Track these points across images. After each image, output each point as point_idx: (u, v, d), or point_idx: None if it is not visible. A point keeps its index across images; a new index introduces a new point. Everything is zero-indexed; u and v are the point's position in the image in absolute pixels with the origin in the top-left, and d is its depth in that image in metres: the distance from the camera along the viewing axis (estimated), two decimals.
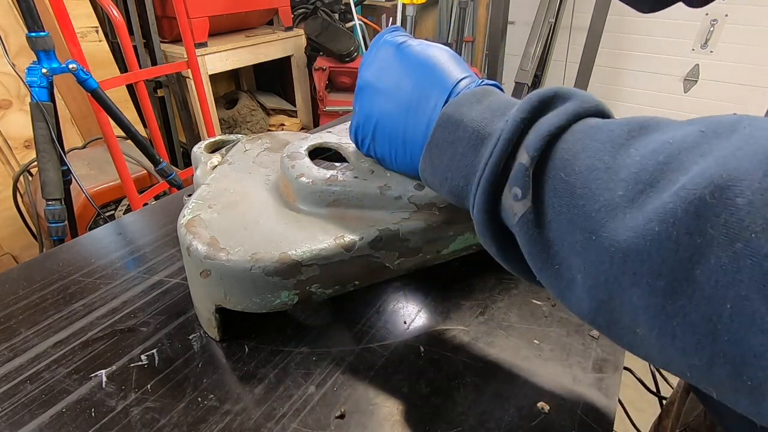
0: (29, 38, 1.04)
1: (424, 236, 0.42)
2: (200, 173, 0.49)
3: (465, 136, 0.28)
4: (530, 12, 2.40)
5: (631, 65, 2.70)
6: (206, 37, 2.04)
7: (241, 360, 0.41)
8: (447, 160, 0.29)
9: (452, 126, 0.29)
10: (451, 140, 0.29)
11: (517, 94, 2.34)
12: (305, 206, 0.42)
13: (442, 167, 0.30)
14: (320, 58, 2.43)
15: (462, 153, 0.28)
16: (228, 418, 0.36)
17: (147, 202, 1.46)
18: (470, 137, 0.27)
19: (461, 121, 0.28)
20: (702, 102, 2.54)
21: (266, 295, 0.38)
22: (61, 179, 1.07)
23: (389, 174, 0.42)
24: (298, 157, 0.44)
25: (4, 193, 1.64)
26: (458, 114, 0.29)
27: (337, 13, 2.65)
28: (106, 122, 1.31)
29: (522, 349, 0.43)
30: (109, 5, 1.39)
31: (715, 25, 2.35)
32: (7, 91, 1.63)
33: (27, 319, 0.45)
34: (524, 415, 0.37)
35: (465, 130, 0.28)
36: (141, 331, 0.44)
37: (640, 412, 0.59)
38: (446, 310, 0.47)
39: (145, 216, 0.65)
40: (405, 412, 0.37)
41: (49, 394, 0.38)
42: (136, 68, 1.52)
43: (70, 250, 0.57)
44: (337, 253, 0.39)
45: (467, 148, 0.28)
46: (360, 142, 0.41)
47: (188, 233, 0.39)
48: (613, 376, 0.40)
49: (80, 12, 1.81)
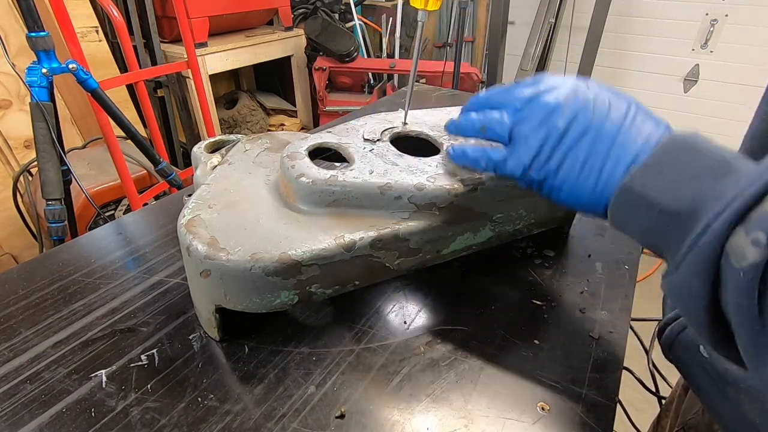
0: (29, 38, 1.04)
1: (424, 236, 0.42)
2: (200, 173, 0.49)
3: (705, 163, 0.27)
4: (530, 12, 2.40)
5: (631, 65, 2.70)
6: (206, 37, 2.04)
7: (241, 360, 0.41)
8: (670, 180, 0.28)
9: (686, 149, 0.28)
10: (681, 164, 0.28)
11: None
12: (305, 206, 0.42)
13: (657, 187, 0.28)
14: (320, 58, 2.43)
15: (694, 176, 0.27)
16: (228, 418, 0.36)
17: (147, 202, 1.46)
18: (713, 164, 0.27)
19: (699, 147, 0.28)
20: (702, 102, 2.54)
21: (266, 295, 0.38)
22: (61, 179, 1.07)
23: (389, 174, 0.42)
24: (298, 157, 0.44)
25: (4, 193, 1.64)
26: (694, 141, 0.28)
27: (337, 13, 2.65)
28: (106, 122, 1.31)
29: (522, 349, 0.43)
30: (109, 5, 1.39)
31: (715, 25, 2.35)
32: (7, 91, 1.63)
33: (27, 319, 0.45)
34: (524, 415, 0.37)
35: (706, 157, 0.27)
36: (141, 331, 0.44)
37: (639, 412, 0.59)
38: (446, 310, 0.47)
39: (145, 216, 0.65)
40: (405, 412, 0.37)
41: (49, 394, 0.38)
42: (136, 68, 1.52)
43: (70, 250, 0.57)
44: (337, 253, 0.39)
45: (705, 173, 0.27)
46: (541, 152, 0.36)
47: (188, 233, 0.39)
48: (613, 376, 0.40)
49: (80, 12, 1.81)
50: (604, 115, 0.33)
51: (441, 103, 1.09)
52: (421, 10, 0.46)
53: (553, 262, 0.54)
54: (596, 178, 0.33)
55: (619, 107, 0.34)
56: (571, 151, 0.34)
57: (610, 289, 0.50)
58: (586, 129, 0.33)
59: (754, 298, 0.22)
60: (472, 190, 0.42)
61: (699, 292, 0.25)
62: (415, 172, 0.42)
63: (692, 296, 0.25)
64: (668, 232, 0.27)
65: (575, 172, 0.34)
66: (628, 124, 0.33)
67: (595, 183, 0.33)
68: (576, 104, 0.34)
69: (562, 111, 0.34)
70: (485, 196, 0.42)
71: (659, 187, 0.28)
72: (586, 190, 0.34)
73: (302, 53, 2.53)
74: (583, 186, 0.34)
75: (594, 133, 0.33)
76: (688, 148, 0.28)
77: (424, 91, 1.19)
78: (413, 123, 0.51)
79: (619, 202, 0.31)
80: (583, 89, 0.35)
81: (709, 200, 0.25)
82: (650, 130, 0.32)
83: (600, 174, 0.33)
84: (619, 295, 0.49)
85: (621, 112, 0.33)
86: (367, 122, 0.51)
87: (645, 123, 0.33)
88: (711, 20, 2.35)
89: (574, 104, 0.34)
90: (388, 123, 0.51)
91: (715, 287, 0.24)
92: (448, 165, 0.44)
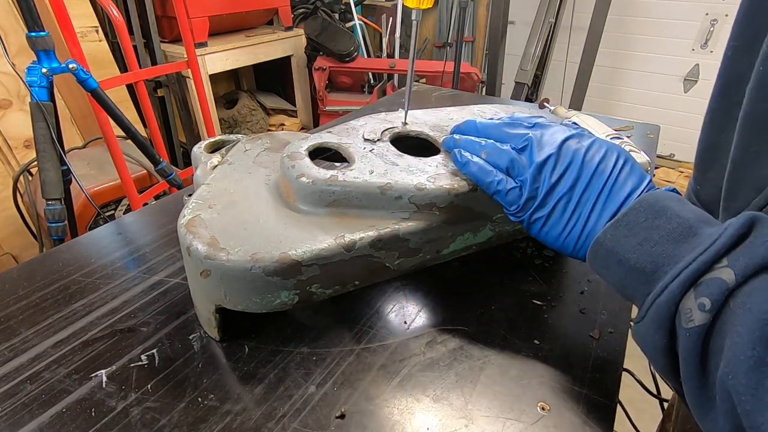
0: (29, 38, 1.03)
1: (424, 236, 0.42)
2: (200, 173, 0.49)
3: (667, 227, 0.29)
4: (530, 12, 2.40)
5: (631, 65, 2.70)
6: (206, 37, 2.04)
7: (241, 360, 0.41)
8: (636, 242, 0.30)
9: (652, 213, 0.30)
10: (647, 226, 0.30)
11: (517, 94, 2.34)
12: (305, 206, 0.42)
13: (626, 246, 0.31)
14: (320, 58, 2.43)
15: (658, 241, 0.29)
16: (228, 418, 0.36)
17: (147, 202, 1.46)
18: (675, 229, 0.29)
19: (667, 210, 0.30)
20: (702, 102, 2.54)
21: (266, 295, 0.38)
22: (61, 179, 1.07)
23: (389, 174, 0.42)
24: (298, 157, 0.44)
25: (4, 193, 1.64)
26: (664, 203, 0.30)
27: (337, 13, 2.65)
28: (106, 122, 1.31)
29: (522, 349, 0.43)
30: (109, 5, 1.39)
31: (715, 25, 2.35)
32: (7, 91, 1.63)
33: (27, 319, 0.45)
34: (524, 415, 0.37)
35: (669, 221, 0.29)
36: (141, 331, 0.44)
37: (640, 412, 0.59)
38: (446, 310, 0.47)
39: (145, 216, 0.65)
40: (405, 412, 0.37)
41: (49, 394, 0.38)
42: (136, 68, 1.52)
43: (70, 250, 0.57)
44: (337, 253, 0.39)
45: (666, 238, 0.29)
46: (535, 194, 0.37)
47: (188, 233, 0.39)
48: (613, 376, 0.40)
49: (80, 12, 1.81)
50: (593, 167, 0.36)
51: (441, 103, 1.09)
52: (415, 9, 0.46)
53: (553, 262, 0.54)
54: (581, 227, 0.35)
55: (608, 160, 0.36)
56: (561, 201, 0.36)
57: (610, 289, 0.50)
58: (575, 181, 0.36)
59: (697, 357, 0.25)
60: (472, 190, 0.42)
61: (659, 343, 0.27)
62: (415, 172, 0.42)
63: (654, 345, 0.28)
64: (636, 286, 0.30)
65: (564, 220, 0.36)
66: (614, 179, 0.35)
67: (579, 232, 0.36)
68: (569, 155, 0.36)
69: (557, 161, 0.36)
70: (485, 196, 0.41)
71: (628, 246, 0.30)
72: (571, 238, 0.36)
73: (302, 53, 2.54)
74: (569, 234, 0.36)
75: (582, 186, 0.35)
76: (657, 210, 0.30)
77: (424, 91, 1.19)
78: (413, 123, 0.51)
79: (594, 255, 0.33)
80: (576, 140, 0.37)
81: (668, 263, 0.28)
82: (633, 186, 0.34)
83: (585, 224, 0.35)
84: (618, 295, 0.49)
85: (609, 165, 0.35)
86: (367, 122, 0.51)
87: (630, 177, 0.35)
88: (711, 20, 2.35)
89: (566, 155, 0.36)
90: (388, 123, 0.51)
91: (673, 338, 0.27)
92: (449, 165, 0.44)
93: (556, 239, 0.37)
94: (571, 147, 0.36)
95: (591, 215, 0.35)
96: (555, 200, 0.36)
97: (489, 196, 0.40)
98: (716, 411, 0.24)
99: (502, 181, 0.38)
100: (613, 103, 2.87)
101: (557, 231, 0.37)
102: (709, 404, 0.25)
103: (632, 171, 0.35)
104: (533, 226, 0.38)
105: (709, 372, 0.25)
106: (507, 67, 2.70)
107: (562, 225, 0.36)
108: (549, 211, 0.36)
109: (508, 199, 0.38)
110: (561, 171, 0.36)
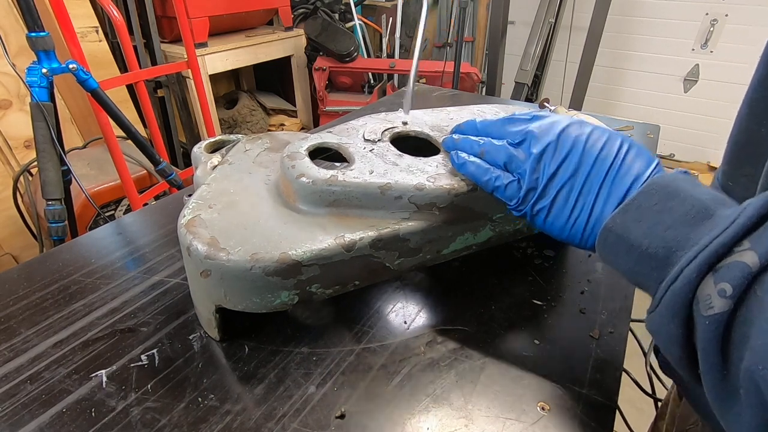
0: (29, 38, 1.04)
1: (424, 236, 0.42)
2: (200, 173, 0.49)
3: (681, 209, 0.27)
4: (530, 12, 2.40)
5: (631, 65, 2.70)
6: (206, 37, 2.04)
7: (241, 360, 0.41)
8: (647, 226, 0.28)
9: (664, 195, 0.29)
10: (659, 209, 0.28)
11: (517, 94, 2.34)
12: (305, 206, 0.42)
13: (636, 231, 0.29)
14: (320, 58, 2.43)
15: (671, 224, 0.27)
16: (228, 418, 0.36)
17: (147, 202, 1.46)
18: (691, 209, 0.27)
19: (679, 191, 0.28)
20: (702, 102, 2.54)
21: (266, 295, 0.38)
22: (61, 179, 1.07)
23: (389, 174, 0.42)
24: (298, 157, 0.44)
25: (4, 193, 1.64)
26: (676, 185, 0.29)
27: (337, 13, 2.65)
28: (106, 122, 1.31)
29: (522, 349, 0.43)
30: (109, 5, 1.39)
31: (715, 25, 2.35)
32: (7, 91, 1.63)
33: (27, 319, 0.45)
34: (524, 415, 0.37)
35: (685, 202, 0.28)
36: (141, 331, 0.44)
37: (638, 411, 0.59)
38: (446, 310, 0.47)
39: (145, 216, 0.65)
40: (405, 412, 0.37)
41: (49, 394, 0.38)
42: (136, 68, 1.52)
43: (70, 250, 0.57)
44: (337, 253, 0.39)
45: (680, 221, 0.27)
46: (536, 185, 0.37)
47: (188, 233, 0.39)
48: (613, 376, 0.40)
49: (80, 12, 1.81)
50: (595, 154, 0.34)
51: (441, 103, 1.09)
52: None
53: (553, 262, 0.54)
54: (587, 216, 0.34)
55: (611, 146, 0.34)
56: (563, 189, 0.35)
57: (610, 289, 0.50)
58: (576, 168, 0.34)
59: (718, 347, 0.23)
60: (472, 190, 0.42)
61: (674, 333, 0.26)
62: (415, 172, 0.42)
63: (669, 336, 0.26)
64: (648, 273, 0.28)
65: (567, 209, 0.35)
66: (618, 164, 0.33)
67: (586, 221, 0.34)
68: (568, 143, 0.35)
69: (556, 149, 0.35)
70: (485, 195, 0.41)
71: (639, 231, 0.29)
72: (577, 227, 0.35)
73: (302, 53, 2.54)
74: (574, 223, 0.35)
75: (584, 173, 0.34)
76: (669, 192, 0.29)
77: (424, 91, 1.19)
78: (413, 123, 0.51)
79: (603, 243, 0.32)
80: (576, 127, 0.36)
81: (683, 247, 0.26)
82: (639, 170, 0.33)
83: (591, 212, 0.34)
84: (619, 295, 0.50)
85: (612, 150, 0.34)
86: (367, 122, 0.51)
87: (636, 161, 0.33)
88: (711, 20, 2.35)
89: (566, 142, 0.35)
90: (388, 123, 0.51)
91: (690, 328, 0.25)
92: (449, 165, 0.44)
93: (562, 229, 0.36)
94: (571, 135, 0.35)
95: (596, 202, 0.33)
96: (556, 189, 0.35)
97: (489, 196, 0.40)
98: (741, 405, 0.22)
99: (500, 177, 0.38)
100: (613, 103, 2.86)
101: (562, 221, 0.35)
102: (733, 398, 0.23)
103: (638, 155, 0.34)
104: (537, 218, 0.37)
105: (732, 363, 0.23)
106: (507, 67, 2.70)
107: (566, 214, 0.35)
108: (551, 201, 0.35)
109: (508, 194, 0.37)
110: (561, 159, 0.35)
